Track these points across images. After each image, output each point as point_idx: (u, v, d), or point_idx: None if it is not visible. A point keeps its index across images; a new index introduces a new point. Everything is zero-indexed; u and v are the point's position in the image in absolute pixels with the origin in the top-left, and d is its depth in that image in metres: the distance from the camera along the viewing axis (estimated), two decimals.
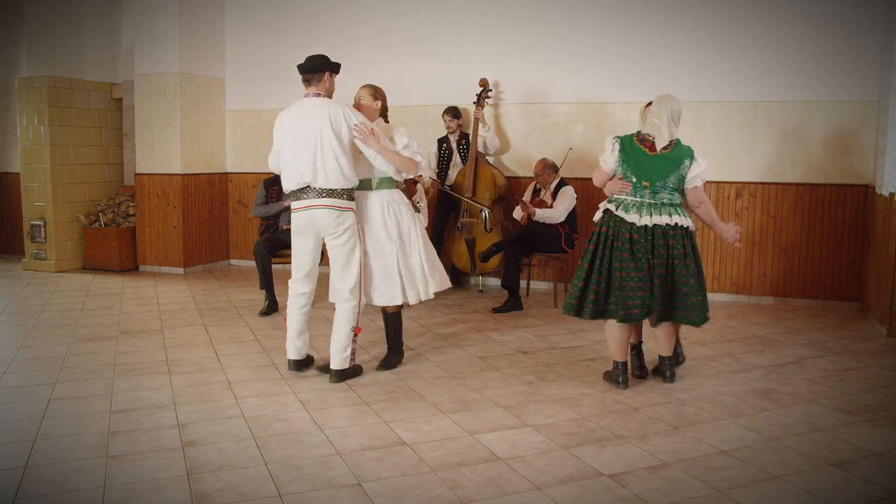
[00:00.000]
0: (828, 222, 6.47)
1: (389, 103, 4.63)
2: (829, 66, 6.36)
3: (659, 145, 4.14)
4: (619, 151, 4.18)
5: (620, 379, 4.25)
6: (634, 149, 4.15)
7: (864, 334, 5.56)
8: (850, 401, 4.05)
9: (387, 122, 4.49)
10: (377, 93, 4.42)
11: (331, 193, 4.17)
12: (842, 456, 3.31)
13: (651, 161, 4.13)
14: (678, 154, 4.13)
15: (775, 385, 4.33)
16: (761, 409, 3.92)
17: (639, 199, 4.15)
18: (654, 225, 4.10)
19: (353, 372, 4.39)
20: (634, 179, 4.14)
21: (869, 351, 5.10)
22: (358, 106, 4.39)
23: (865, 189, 6.32)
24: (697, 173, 4.14)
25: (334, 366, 4.31)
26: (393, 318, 4.59)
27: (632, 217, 4.12)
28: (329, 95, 4.32)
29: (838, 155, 6.41)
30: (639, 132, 4.22)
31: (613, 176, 4.26)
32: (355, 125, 4.16)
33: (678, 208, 4.17)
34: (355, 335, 4.32)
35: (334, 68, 4.31)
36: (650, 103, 4.36)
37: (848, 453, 3.34)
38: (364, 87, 4.45)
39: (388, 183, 4.42)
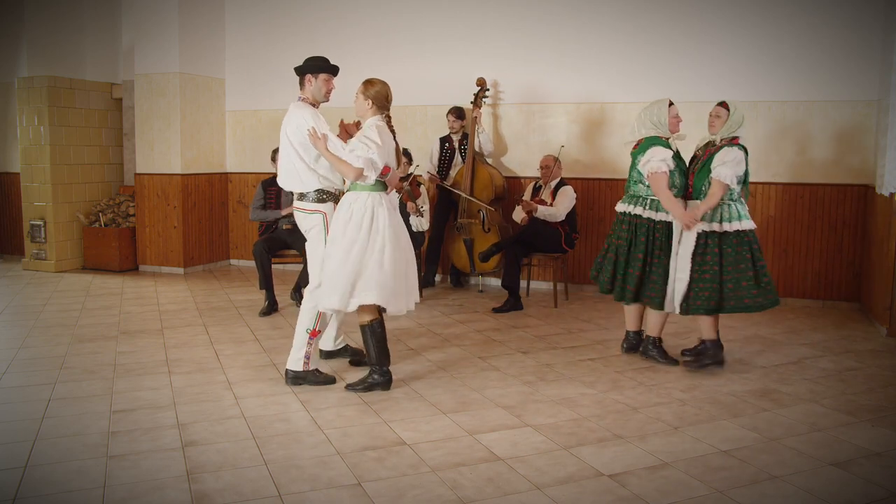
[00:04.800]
0: (828, 222, 6.47)
1: None
2: (829, 66, 6.36)
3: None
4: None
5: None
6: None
7: (864, 334, 5.56)
8: (850, 401, 4.05)
9: (388, 119, 4.18)
10: (367, 90, 4.09)
11: (301, 197, 4.26)
12: (842, 456, 3.31)
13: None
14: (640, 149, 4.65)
15: (775, 385, 4.33)
16: (761, 409, 3.92)
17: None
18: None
19: (313, 378, 4.22)
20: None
21: (869, 351, 5.10)
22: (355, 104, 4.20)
23: (865, 189, 6.32)
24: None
25: (287, 365, 4.27)
26: (365, 332, 4.13)
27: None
28: (314, 97, 4.25)
29: (838, 155, 6.41)
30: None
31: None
32: (308, 130, 4.06)
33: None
34: (311, 338, 4.21)
35: (313, 70, 4.21)
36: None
37: (848, 453, 3.34)
38: (361, 83, 4.16)
39: (363, 185, 4.04)
